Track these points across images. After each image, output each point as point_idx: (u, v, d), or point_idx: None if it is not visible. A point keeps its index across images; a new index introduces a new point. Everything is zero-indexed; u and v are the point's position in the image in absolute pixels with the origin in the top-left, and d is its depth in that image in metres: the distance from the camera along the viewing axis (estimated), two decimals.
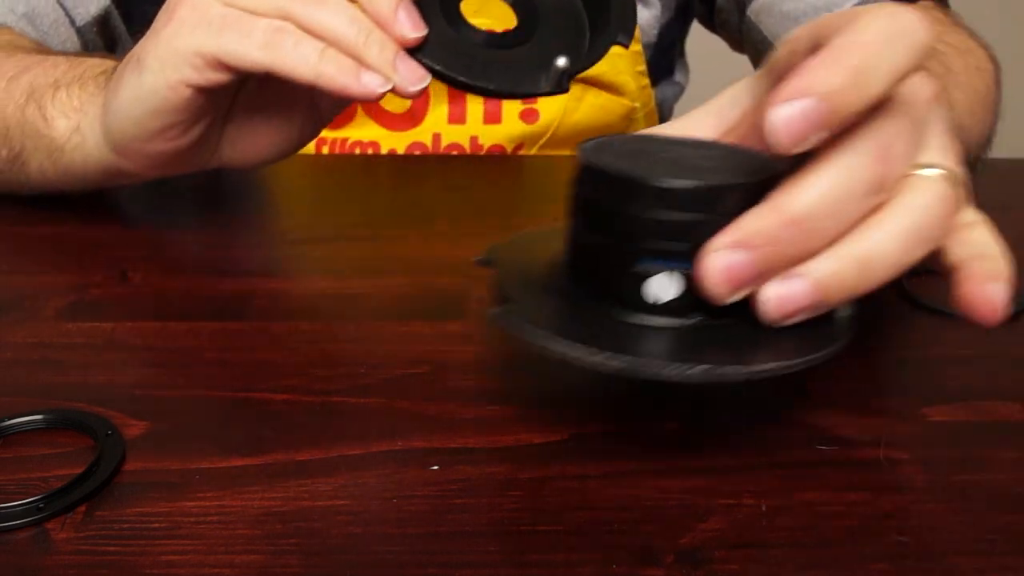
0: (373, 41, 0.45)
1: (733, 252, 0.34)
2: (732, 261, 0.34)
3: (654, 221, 0.36)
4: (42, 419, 0.39)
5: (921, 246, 0.36)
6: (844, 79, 0.33)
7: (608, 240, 0.37)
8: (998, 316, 0.35)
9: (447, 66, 0.46)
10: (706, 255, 0.35)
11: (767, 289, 0.35)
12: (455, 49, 0.47)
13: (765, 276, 0.35)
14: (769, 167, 0.37)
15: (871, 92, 0.33)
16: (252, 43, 0.45)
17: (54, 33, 0.73)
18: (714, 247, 0.35)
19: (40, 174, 0.57)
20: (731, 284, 0.35)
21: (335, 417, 0.40)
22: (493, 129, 0.79)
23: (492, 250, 0.43)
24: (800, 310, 0.35)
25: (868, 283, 0.35)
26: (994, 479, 0.37)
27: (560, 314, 0.38)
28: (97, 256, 0.55)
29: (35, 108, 0.55)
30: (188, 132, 0.50)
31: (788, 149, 0.33)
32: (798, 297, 0.35)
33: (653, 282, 0.36)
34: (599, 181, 0.37)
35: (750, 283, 0.35)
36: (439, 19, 0.47)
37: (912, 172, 0.36)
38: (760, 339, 0.36)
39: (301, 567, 0.33)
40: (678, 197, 0.35)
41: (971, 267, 0.36)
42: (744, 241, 0.34)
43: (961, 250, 0.37)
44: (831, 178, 0.34)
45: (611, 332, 0.36)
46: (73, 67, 0.57)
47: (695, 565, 0.33)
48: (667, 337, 0.36)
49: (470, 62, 0.46)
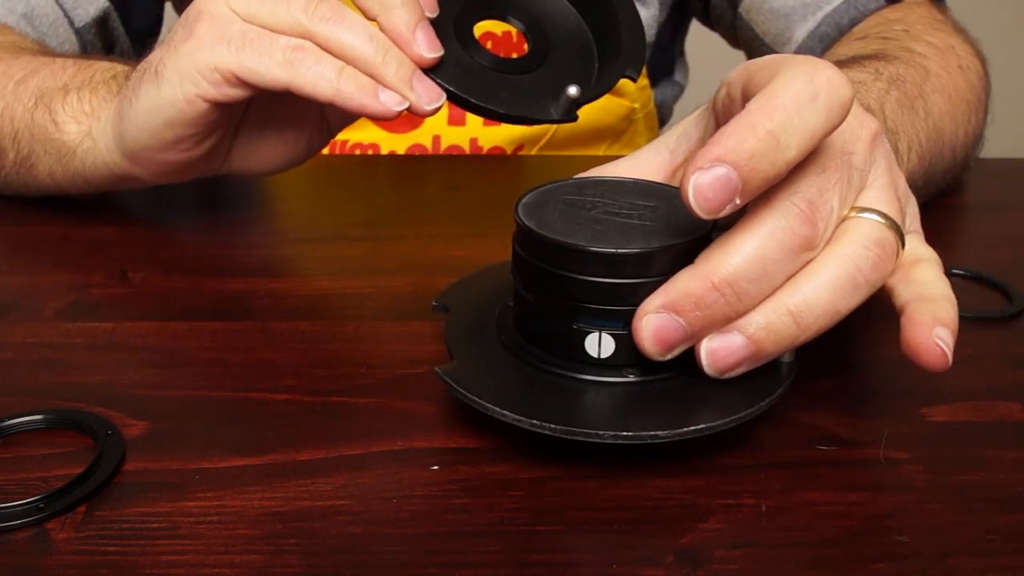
0: (391, 59, 0.45)
1: (663, 315, 0.35)
2: (662, 324, 0.35)
3: (588, 283, 0.37)
4: (42, 419, 0.39)
5: (856, 293, 0.36)
6: (757, 145, 0.33)
7: (546, 300, 0.38)
8: (944, 362, 0.36)
9: (460, 87, 0.46)
10: (638, 319, 0.36)
11: (703, 345, 0.36)
12: (468, 71, 0.47)
13: (698, 335, 0.36)
14: (703, 220, 0.38)
15: (786, 157, 0.33)
16: (272, 61, 0.45)
17: (53, 34, 0.73)
18: (645, 310, 0.36)
19: (49, 177, 0.57)
20: (663, 345, 0.36)
21: (335, 417, 0.40)
22: (493, 131, 0.79)
23: (446, 294, 0.45)
24: (738, 363, 0.36)
25: (805, 333, 0.36)
26: (994, 479, 0.37)
27: (502, 373, 0.39)
28: (97, 256, 0.55)
29: (44, 112, 0.55)
30: (201, 144, 0.51)
31: (707, 216, 0.34)
32: (734, 352, 0.36)
33: (590, 340, 0.38)
34: (534, 244, 0.38)
35: (683, 342, 0.36)
36: (453, 42, 0.48)
37: (850, 215, 0.36)
38: (697, 393, 0.38)
39: (301, 567, 0.33)
40: (610, 262, 0.36)
41: (915, 311, 0.37)
42: (673, 304, 0.35)
43: (907, 291, 0.38)
44: (756, 241, 0.35)
45: (549, 392, 0.38)
46: (82, 70, 0.57)
47: (695, 565, 0.33)
48: (605, 395, 0.38)
49: (482, 85, 0.47)
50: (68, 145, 0.55)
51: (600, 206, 0.39)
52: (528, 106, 0.47)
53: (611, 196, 0.40)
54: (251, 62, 0.46)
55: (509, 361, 0.39)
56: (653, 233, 0.37)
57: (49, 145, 0.55)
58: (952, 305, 0.37)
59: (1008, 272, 0.53)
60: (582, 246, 0.37)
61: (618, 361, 0.38)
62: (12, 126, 0.57)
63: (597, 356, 0.38)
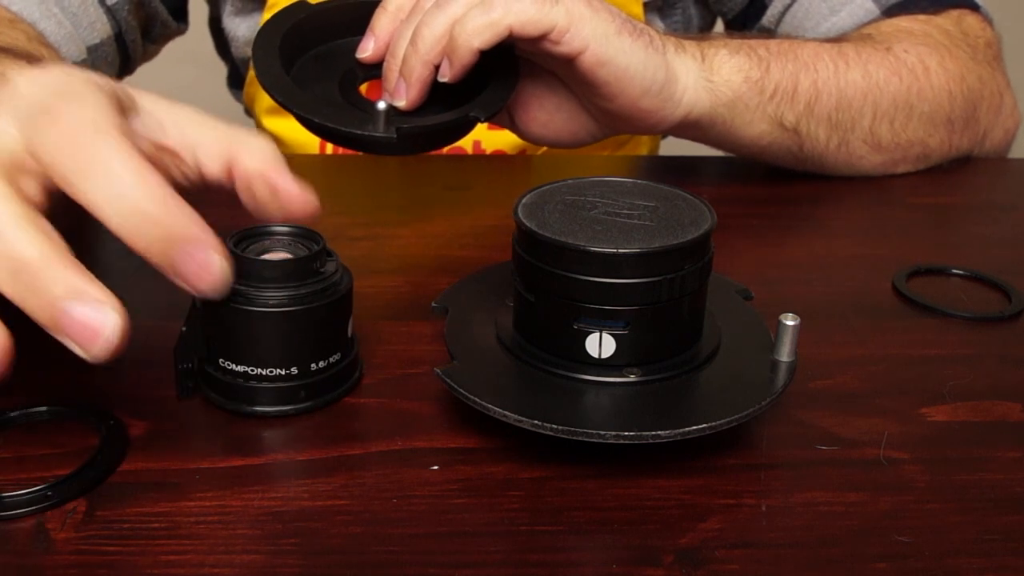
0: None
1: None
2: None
3: (589, 284, 0.37)
4: (45, 411, 0.40)
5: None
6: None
7: (546, 300, 0.38)
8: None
9: (297, 105, 0.48)
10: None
11: None
12: (326, 103, 0.50)
13: None
14: (703, 219, 0.38)
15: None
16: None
17: (83, 14, 0.71)
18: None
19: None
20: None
21: (335, 417, 0.40)
22: (496, 135, 0.79)
23: (446, 296, 0.45)
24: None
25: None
26: (994, 479, 0.37)
27: (502, 373, 0.39)
28: (97, 256, 0.54)
29: None
30: None
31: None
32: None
33: (590, 340, 0.38)
34: (534, 243, 0.38)
35: None
36: (334, 86, 0.52)
37: None
38: (697, 393, 0.38)
39: (301, 567, 0.33)
40: (610, 262, 0.37)
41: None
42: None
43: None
44: None
45: (549, 392, 0.38)
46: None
47: (695, 565, 0.33)
48: (606, 395, 0.38)
49: (324, 108, 0.49)
50: None
51: (600, 206, 0.40)
52: (348, 121, 0.48)
53: (611, 196, 0.40)
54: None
55: (509, 361, 0.39)
56: (653, 233, 0.37)
57: None
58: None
59: (1008, 272, 0.53)
60: (582, 246, 0.37)
61: (619, 361, 0.38)
62: None
63: (598, 356, 0.38)
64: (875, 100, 0.64)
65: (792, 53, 0.63)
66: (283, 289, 0.38)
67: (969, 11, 0.74)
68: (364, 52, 0.54)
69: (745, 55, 0.61)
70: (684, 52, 0.58)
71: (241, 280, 0.38)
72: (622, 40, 0.53)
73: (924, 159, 0.69)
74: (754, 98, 0.60)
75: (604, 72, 0.53)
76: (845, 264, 0.55)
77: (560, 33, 0.51)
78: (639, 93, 0.55)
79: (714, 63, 0.59)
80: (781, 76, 0.61)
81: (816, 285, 0.52)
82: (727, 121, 0.61)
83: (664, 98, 0.56)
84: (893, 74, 0.65)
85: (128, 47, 0.77)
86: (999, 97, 0.71)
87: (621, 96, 0.55)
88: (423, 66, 0.50)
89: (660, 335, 0.38)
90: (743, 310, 0.43)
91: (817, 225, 0.63)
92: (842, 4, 0.75)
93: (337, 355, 0.40)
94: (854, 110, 0.64)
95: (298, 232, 0.41)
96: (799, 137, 0.63)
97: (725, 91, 0.59)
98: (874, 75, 0.64)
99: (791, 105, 0.62)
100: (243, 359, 0.39)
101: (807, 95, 0.62)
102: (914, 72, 0.66)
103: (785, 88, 0.61)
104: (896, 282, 0.52)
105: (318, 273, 0.39)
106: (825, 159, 0.66)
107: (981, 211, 0.66)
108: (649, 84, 0.55)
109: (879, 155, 0.67)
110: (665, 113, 0.57)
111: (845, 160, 0.66)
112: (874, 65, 0.65)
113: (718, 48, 0.60)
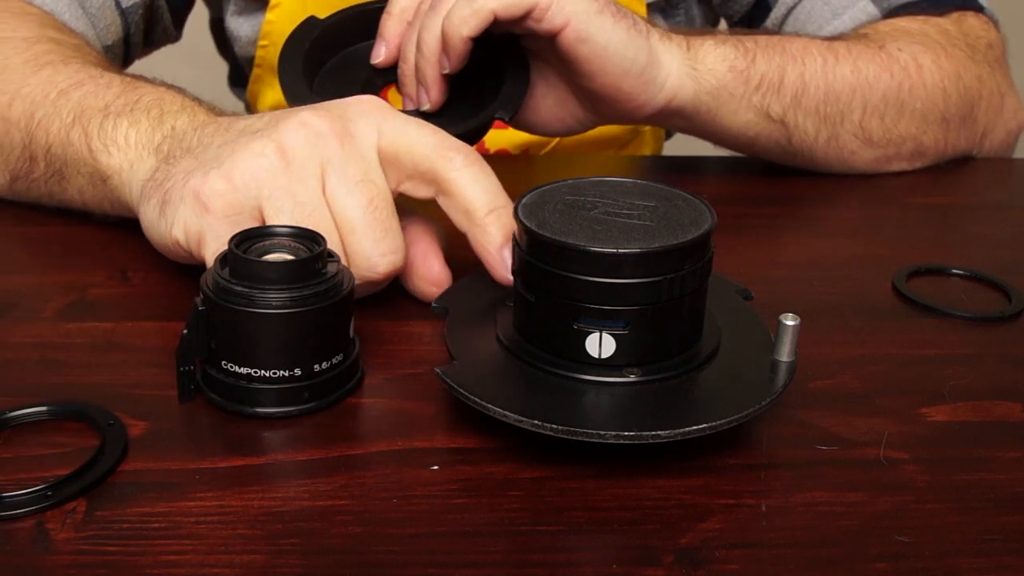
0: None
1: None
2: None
3: (589, 284, 0.37)
4: (46, 411, 0.40)
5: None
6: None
7: (546, 300, 0.38)
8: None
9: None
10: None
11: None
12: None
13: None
14: (703, 219, 0.38)
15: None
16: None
17: (101, 16, 0.72)
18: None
19: (79, 194, 0.55)
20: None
21: (335, 417, 0.40)
22: (500, 134, 0.79)
23: (446, 295, 0.45)
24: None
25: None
26: (994, 479, 0.37)
27: (502, 373, 0.39)
28: (97, 256, 0.54)
29: (81, 133, 0.53)
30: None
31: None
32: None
33: (591, 340, 0.38)
34: (535, 244, 0.38)
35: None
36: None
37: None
38: (697, 393, 0.38)
39: (301, 567, 0.33)
40: (610, 262, 0.37)
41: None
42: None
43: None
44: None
45: (549, 392, 0.38)
46: (126, 92, 0.54)
47: (695, 565, 0.33)
48: (606, 395, 0.38)
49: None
50: (100, 172, 0.53)
51: (600, 206, 0.40)
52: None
53: (611, 196, 0.40)
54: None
55: (509, 361, 0.39)
56: (653, 233, 0.37)
57: (82, 167, 0.53)
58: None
59: (1008, 272, 0.53)
60: (582, 246, 0.37)
61: (619, 361, 0.38)
62: (47, 139, 0.55)
63: (598, 356, 0.38)
64: (864, 95, 0.65)
65: (780, 46, 0.63)
66: (286, 290, 0.38)
67: (972, 12, 0.74)
68: (377, 57, 0.58)
69: (731, 46, 0.61)
70: (669, 40, 0.59)
71: (243, 282, 0.38)
72: (603, 19, 0.55)
73: (919, 156, 0.69)
74: (739, 88, 0.61)
75: (585, 49, 0.55)
76: (845, 264, 0.55)
77: (542, 10, 0.53)
78: (620, 72, 0.56)
79: (699, 52, 0.60)
80: (767, 67, 0.62)
81: (816, 285, 0.52)
82: (711, 110, 0.61)
83: (646, 80, 0.57)
84: (884, 70, 0.65)
85: (131, 50, 0.78)
86: (999, 97, 0.71)
87: (602, 75, 0.56)
88: (433, 68, 0.55)
89: (660, 335, 0.38)
90: (743, 310, 0.43)
91: (817, 225, 0.63)
92: (844, 8, 0.75)
93: (340, 356, 0.40)
94: (843, 104, 0.64)
95: (299, 233, 0.41)
96: (787, 129, 0.64)
97: (709, 79, 0.60)
98: (864, 70, 0.64)
99: (777, 96, 0.62)
100: (246, 361, 0.39)
101: (794, 87, 0.63)
102: (906, 69, 0.66)
103: (771, 79, 0.62)
104: (896, 282, 0.52)
105: (320, 274, 0.39)
106: (815, 153, 0.66)
107: (981, 211, 0.66)
108: (630, 65, 0.56)
109: (871, 151, 0.66)
110: (647, 96, 0.58)
111: (836, 155, 0.66)
112: (864, 61, 0.65)
113: (704, 39, 0.61)
